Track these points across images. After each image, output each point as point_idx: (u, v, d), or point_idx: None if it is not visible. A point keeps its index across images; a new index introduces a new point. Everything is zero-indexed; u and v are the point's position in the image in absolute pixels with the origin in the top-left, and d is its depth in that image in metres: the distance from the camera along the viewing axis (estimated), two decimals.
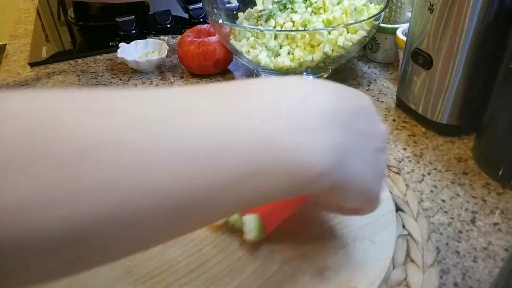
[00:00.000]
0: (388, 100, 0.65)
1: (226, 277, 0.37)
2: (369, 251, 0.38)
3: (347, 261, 0.38)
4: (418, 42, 0.55)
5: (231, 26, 0.65)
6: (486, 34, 0.49)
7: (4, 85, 0.73)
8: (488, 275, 0.39)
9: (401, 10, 0.73)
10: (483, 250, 0.42)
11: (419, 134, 0.58)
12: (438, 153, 0.54)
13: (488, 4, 0.47)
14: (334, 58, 0.65)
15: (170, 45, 0.81)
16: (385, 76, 0.72)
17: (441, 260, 0.41)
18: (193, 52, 0.71)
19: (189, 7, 0.92)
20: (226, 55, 0.72)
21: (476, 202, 0.47)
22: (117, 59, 0.77)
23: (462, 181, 0.50)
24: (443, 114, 0.56)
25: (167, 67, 0.77)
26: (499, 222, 0.45)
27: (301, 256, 0.38)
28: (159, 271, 0.37)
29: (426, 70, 0.55)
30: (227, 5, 0.77)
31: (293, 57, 0.64)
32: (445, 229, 0.44)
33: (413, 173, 0.51)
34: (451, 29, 0.50)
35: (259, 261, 0.38)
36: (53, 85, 0.72)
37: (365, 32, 0.64)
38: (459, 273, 0.40)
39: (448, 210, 0.46)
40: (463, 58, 0.51)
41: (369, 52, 0.77)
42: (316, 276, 0.36)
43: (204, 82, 0.72)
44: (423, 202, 0.47)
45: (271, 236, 0.40)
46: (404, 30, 0.67)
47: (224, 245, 0.40)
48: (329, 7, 0.67)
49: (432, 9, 0.51)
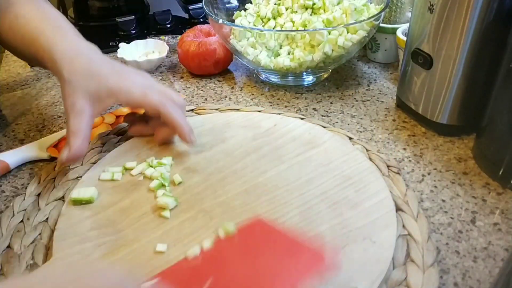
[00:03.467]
0: (388, 100, 0.65)
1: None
2: (369, 251, 0.39)
3: (347, 261, 0.38)
4: (418, 42, 0.55)
5: (231, 26, 0.65)
6: (486, 34, 0.49)
7: (4, 85, 0.73)
8: (488, 275, 0.39)
9: (401, 10, 0.73)
10: (483, 250, 0.42)
11: (419, 134, 0.58)
12: (438, 153, 0.54)
13: (488, 4, 0.47)
14: (334, 58, 0.65)
15: (170, 45, 0.81)
16: (385, 76, 0.72)
17: (441, 260, 0.41)
18: (193, 52, 0.71)
19: (189, 7, 0.91)
20: (226, 55, 0.72)
21: (476, 202, 0.47)
22: (117, 59, 0.77)
23: (462, 181, 0.50)
24: (443, 114, 0.56)
25: (167, 67, 0.77)
26: (499, 222, 0.45)
27: None
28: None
29: (426, 70, 0.55)
30: (227, 5, 0.77)
31: (293, 57, 0.64)
32: (445, 229, 0.44)
33: (413, 173, 0.51)
34: (451, 29, 0.50)
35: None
36: (53, 85, 0.72)
37: (365, 32, 0.64)
38: (459, 273, 0.40)
39: (448, 210, 0.46)
40: (463, 58, 0.51)
41: (369, 52, 0.77)
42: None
43: (204, 82, 0.72)
44: (423, 202, 0.47)
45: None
46: (404, 30, 0.67)
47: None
48: (329, 7, 0.67)
49: (432, 9, 0.51)
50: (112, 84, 0.47)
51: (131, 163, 0.49)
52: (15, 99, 0.69)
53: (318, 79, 0.70)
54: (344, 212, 0.43)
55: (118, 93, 0.47)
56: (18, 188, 0.51)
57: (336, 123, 0.60)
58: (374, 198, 0.44)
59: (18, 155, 0.54)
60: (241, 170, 0.48)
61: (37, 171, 0.53)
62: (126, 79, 0.49)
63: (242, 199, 0.45)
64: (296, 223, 0.42)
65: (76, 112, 0.46)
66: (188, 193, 0.46)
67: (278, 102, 0.66)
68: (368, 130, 0.59)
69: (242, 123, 0.56)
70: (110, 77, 0.48)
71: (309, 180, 0.47)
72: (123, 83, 0.48)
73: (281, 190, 0.46)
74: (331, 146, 0.52)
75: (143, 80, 0.50)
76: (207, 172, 0.48)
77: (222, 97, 0.68)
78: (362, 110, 0.63)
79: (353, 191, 0.45)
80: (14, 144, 0.58)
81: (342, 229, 0.41)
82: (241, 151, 0.51)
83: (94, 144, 0.54)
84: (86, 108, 0.46)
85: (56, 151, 0.55)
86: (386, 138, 0.57)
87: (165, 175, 0.47)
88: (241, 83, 0.71)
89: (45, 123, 0.63)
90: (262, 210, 0.43)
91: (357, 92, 0.68)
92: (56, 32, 0.49)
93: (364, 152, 0.51)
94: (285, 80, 0.70)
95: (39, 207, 0.45)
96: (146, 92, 0.48)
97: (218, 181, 0.47)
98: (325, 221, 0.42)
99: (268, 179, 0.47)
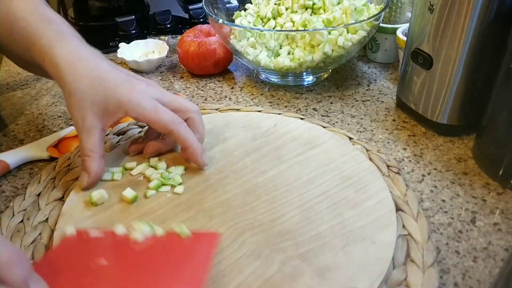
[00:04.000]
0: (388, 100, 0.65)
1: (226, 277, 0.37)
2: (369, 251, 0.39)
3: (347, 261, 0.38)
4: (418, 42, 0.55)
5: (231, 26, 0.65)
6: (486, 34, 0.49)
7: (4, 85, 0.73)
8: (488, 275, 0.39)
9: (401, 10, 0.73)
10: (483, 250, 0.42)
11: (419, 134, 0.58)
12: (438, 153, 0.54)
13: (488, 4, 0.47)
14: (334, 58, 0.65)
15: (170, 45, 0.81)
16: (385, 76, 0.72)
17: (441, 260, 0.41)
18: (193, 52, 0.71)
19: (189, 7, 0.91)
20: (226, 55, 0.72)
21: (476, 202, 0.47)
22: (117, 59, 0.77)
23: (462, 181, 0.50)
24: (443, 114, 0.56)
25: (167, 67, 0.77)
26: (499, 222, 0.45)
27: (301, 256, 0.38)
28: None
29: (426, 70, 0.55)
30: (227, 5, 0.77)
31: (293, 57, 0.64)
32: (445, 229, 0.44)
33: (413, 173, 0.51)
34: (451, 29, 0.50)
35: (259, 261, 0.38)
36: (53, 85, 0.72)
37: (365, 32, 0.64)
38: (459, 273, 0.40)
39: (448, 210, 0.46)
40: (463, 58, 0.51)
41: (369, 52, 0.77)
42: (316, 276, 0.36)
43: (204, 82, 0.72)
44: (423, 202, 0.47)
45: (271, 236, 0.40)
46: (404, 30, 0.67)
47: (224, 245, 0.40)
48: (329, 7, 0.67)
49: (432, 9, 0.51)
50: (121, 95, 0.44)
51: (131, 163, 0.49)
52: (15, 99, 0.69)
53: (318, 79, 0.70)
54: (344, 212, 0.43)
55: (127, 106, 0.44)
56: (18, 188, 0.51)
57: (336, 123, 0.60)
58: (374, 198, 0.44)
59: (18, 155, 0.54)
60: (241, 170, 0.48)
61: (37, 171, 0.53)
62: (136, 90, 0.45)
63: (242, 199, 0.45)
64: (296, 223, 0.42)
65: (87, 129, 0.44)
66: (188, 193, 0.46)
67: (278, 102, 0.66)
68: (368, 130, 0.59)
69: (242, 123, 0.56)
70: (119, 86, 0.45)
71: (309, 180, 0.47)
72: (133, 95, 0.45)
73: (281, 190, 0.46)
74: (331, 146, 0.52)
75: (153, 90, 0.47)
76: (207, 172, 0.48)
77: (222, 97, 0.68)
78: (362, 110, 0.63)
79: (353, 191, 0.45)
80: (14, 144, 0.58)
81: (342, 229, 0.41)
82: (241, 151, 0.51)
83: None
84: (96, 123, 0.44)
85: (56, 151, 0.55)
86: (386, 138, 0.57)
87: (165, 174, 0.47)
88: (241, 83, 0.72)
89: (45, 123, 0.63)
90: (262, 210, 0.43)
91: (357, 92, 0.68)
92: (58, 36, 0.47)
93: (364, 152, 0.51)
94: (285, 80, 0.70)
95: (39, 207, 0.45)
96: (157, 108, 0.45)
97: (218, 181, 0.47)
98: (325, 221, 0.42)
99: (268, 179, 0.47)
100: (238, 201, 0.44)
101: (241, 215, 0.43)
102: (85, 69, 0.44)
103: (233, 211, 0.43)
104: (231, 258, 0.38)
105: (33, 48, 0.46)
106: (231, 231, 0.41)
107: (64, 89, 0.45)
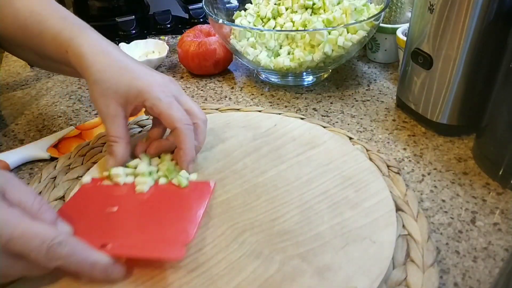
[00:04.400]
0: (388, 100, 0.65)
1: (226, 277, 0.37)
2: (369, 251, 0.39)
3: (347, 261, 0.38)
4: (418, 42, 0.55)
5: (231, 26, 0.65)
6: (486, 34, 0.49)
7: (4, 85, 0.73)
8: (488, 275, 0.39)
9: (401, 10, 0.73)
10: (483, 250, 0.42)
11: (419, 134, 0.58)
12: (438, 153, 0.54)
13: (488, 4, 0.47)
14: (334, 58, 0.65)
15: (170, 45, 0.81)
16: (385, 76, 0.72)
17: (441, 260, 0.41)
18: (193, 52, 0.71)
19: (189, 7, 0.92)
20: (226, 55, 0.72)
21: (476, 202, 0.47)
22: None
23: (462, 181, 0.50)
24: (443, 114, 0.56)
25: (167, 67, 0.77)
26: (499, 222, 0.45)
27: (301, 256, 0.38)
28: (159, 271, 0.37)
29: (426, 70, 0.55)
30: (227, 5, 0.77)
31: (293, 57, 0.64)
32: (445, 229, 0.44)
33: (413, 173, 0.51)
34: (451, 29, 0.50)
35: (259, 261, 0.38)
36: (53, 85, 0.72)
37: (365, 32, 0.64)
38: (459, 273, 0.40)
39: (448, 210, 0.46)
40: (463, 58, 0.51)
41: (369, 52, 0.77)
42: (316, 275, 0.36)
43: (204, 82, 0.72)
44: (423, 202, 0.47)
45: (271, 235, 0.40)
46: (404, 30, 0.67)
47: (223, 244, 0.40)
48: (329, 7, 0.67)
49: (432, 9, 0.51)
50: (142, 84, 0.46)
51: (131, 163, 0.49)
52: (15, 99, 0.69)
53: (318, 79, 0.70)
54: (344, 212, 0.43)
55: (146, 95, 0.46)
56: None
57: (336, 123, 0.60)
58: (374, 198, 0.44)
59: (18, 155, 0.54)
60: (241, 170, 0.48)
61: (37, 171, 0.53)
62: (157, 83, 0.47)
63: (242, 199, 0.45)
64: (296, 223, 0.42)
65: (112, 116, 0.46)
66: None
67: (278, 102, 0.66)
68: (368, 130, 0.59)
69: (242, 123, 0.56)
70: (142, 76, 0.47)
71: (309, 180, 0.47)
72: (154, 87, 0.46)
73: (281, 190, 0.46)
74: (331, 146, 0.52)
75: (173, 87, 0.48)
76: (206, 172, 0.48)
77: (222, 97, 0.68)
78: (362, 110, 0.63)
79: (353, 191, 0.45)
80: (14, 144, 0.58)
81: (342, 229, 0.41)
82: (241, 151, 0.51)
83: (94, 144, 0.54)
84: (119, 111, 0.46)
85: (56, 151, 0.55)
86: (386, 138, 0.57)
87: (171, 167, 0.47)
88: (241, 83, 0.72)
89: (45, 123, 0.63)
90: (262, 210, 0.43)
91: (357, 92, 0.68)
92: (79, 28, 0.48)
93: (364, 152, 0.51)
94: (285, 80, 0.70)
95: None
96: (172, 103, 0.46)
97: (218, 181, 0.47)
98: (325, 221, 0.42)
99: (268, 179, 0.47)
100: (238, 201, 0.44)
101: (241, 215, 0.43)
102: (110, 60, 0.46)
103: (233, 211, 0.43)
104: (231, 258, 0.38)
105: (53, 40, 0.47)
106: (231, 231, 0.41)
107: (89, 79, 0.46)
